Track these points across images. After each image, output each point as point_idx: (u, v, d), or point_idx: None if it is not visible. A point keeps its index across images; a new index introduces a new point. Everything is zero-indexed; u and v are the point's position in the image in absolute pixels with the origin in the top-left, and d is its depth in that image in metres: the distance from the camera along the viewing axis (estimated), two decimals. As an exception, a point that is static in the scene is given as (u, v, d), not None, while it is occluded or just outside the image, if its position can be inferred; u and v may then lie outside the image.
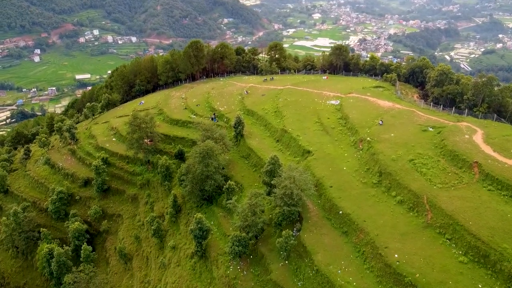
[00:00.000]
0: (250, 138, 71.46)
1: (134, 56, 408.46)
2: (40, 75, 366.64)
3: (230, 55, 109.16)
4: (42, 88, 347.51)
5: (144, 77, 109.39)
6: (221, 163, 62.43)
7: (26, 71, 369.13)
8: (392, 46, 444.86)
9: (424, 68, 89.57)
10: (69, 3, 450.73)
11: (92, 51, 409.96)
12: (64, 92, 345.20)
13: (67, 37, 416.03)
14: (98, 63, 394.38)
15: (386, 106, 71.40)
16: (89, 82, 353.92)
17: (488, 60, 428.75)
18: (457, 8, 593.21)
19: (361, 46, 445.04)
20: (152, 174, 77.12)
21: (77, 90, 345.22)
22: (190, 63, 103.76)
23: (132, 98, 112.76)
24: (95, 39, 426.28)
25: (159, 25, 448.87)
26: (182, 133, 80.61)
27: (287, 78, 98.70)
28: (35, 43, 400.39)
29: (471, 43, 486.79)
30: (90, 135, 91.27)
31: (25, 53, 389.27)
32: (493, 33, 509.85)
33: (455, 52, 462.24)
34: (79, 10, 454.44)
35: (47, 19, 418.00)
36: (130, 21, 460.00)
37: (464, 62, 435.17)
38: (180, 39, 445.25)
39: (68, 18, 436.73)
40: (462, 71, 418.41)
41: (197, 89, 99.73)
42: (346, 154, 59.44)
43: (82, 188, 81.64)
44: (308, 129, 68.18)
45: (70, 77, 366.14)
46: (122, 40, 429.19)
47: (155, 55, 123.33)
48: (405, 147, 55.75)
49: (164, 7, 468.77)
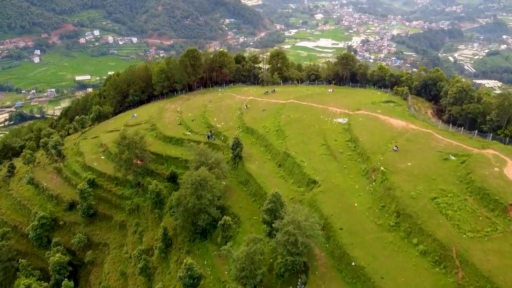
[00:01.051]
0: (250, 161, 64.10)
1: (135, 57, 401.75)
2: (39, 76, 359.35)
3: (229, 64, 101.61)
4: (42, 89, 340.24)
5: (138, 86, 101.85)
6: (216, 194, 55.06)
7: (25, 72, 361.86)
8: (395, 47, 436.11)
9: (438, 80, 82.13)
10: (69, 3, 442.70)
11: (92, 52, 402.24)
12: (63, 93, 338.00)
13: (68, 37, 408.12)
14: (98, 64, 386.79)
15: (399, 127, 63.89)
16: (89, 83, 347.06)
17: (492, 61, 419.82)
18: (460, 8, 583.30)
19: (363, 47, 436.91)
20: (142, 199, 69.88)
21: (77, 92, 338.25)
22: (186, 72, 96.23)
23: (125, 108, 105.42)
24: (95, 39, 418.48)
25: (160, 26, 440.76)
26: (176, 152, 73.27)
27: (290, 90, 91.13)
28: (35, 43, 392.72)
29: (475, 44, 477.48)
30: (78, 152, 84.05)
31: (25, 54, 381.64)
32: (497, 34, 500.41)
33: (459, 53, 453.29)
34: (79, 11, 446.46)
35: (47, 20, 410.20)
36: (131, 22, 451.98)
37: (468, 63, 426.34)
38: (182, 39, 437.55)
39: (69, 19, 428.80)
40: (466, 72, 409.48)
41: (193, 101, 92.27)
42: (357, 186, 52.01)
43: (67, 212, 74.50)
44: (314, 153, 60.77)
45: (70, 78, 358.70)
46: (122, 41, 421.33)
47: (150, 63, 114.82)
48: (425, 180, 48.30)
49: (165, 7, 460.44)
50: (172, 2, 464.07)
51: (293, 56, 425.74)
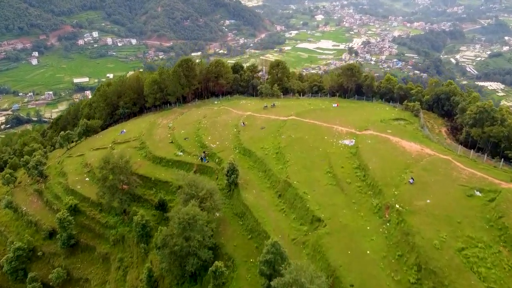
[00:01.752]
0: (246, 190, 56.91)
1: (134, 58, 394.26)
2: (37, 79, 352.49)
3: (226, 74, 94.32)
4: (39, 92, 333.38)
5: (129, 98, 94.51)
6: (208, 234, 47.83)
7: (23, 74, 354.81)
8: (397, 48, 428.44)
9: (452, 95, 74.82)
10: (68, 5, 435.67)
11: (91, 54, 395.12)
12: (61, 96, 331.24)
13: (66, 39, 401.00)
14: (97, 66, 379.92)
15: (413, 151, 56.64)
16: (87, 85, 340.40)
17: (495, 63, 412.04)
18: (461, 9, 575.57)
19: (365, 48, 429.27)
20: (128, 228, 62.68)
21: (75, 94, 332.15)
22: (180, 84, 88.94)
23: (116, 121, 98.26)
24: (94, 41, 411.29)
25: (160, 27, 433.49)
26: (166, 176, 66.03)
27: (291, 104, 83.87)
28: (33, 45, 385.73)
29: (476, 46, 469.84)
30: (61, 172, 76.92)
31: (23, 56, 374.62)
32: (498, 35, 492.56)
33: (461, 55, 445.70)
34: (78, 12, 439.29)
35: (45, 21, 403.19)
36: (130, 23, 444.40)
37: (470, 65, 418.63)
38: (181, 41, 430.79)
39: (67, 20, 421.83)
40: (468, 74, 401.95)
41: (187, 116, 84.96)
42: (369, 226, 44.76)
43: (47, 241, 67.39)
44: (318, 182, 53.55)
45: (68, 80, 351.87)
46: (121, 42, 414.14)
47: (142, 73, 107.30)
48: (449, 223, 41.10)
49: (165, 8, 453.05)
50: (172, 3, 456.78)
51: (294, 58, 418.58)
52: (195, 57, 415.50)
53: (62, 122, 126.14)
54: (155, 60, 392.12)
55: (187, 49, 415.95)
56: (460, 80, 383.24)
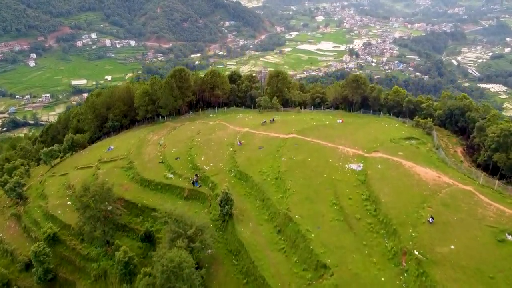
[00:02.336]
0: (242, 222, 50.30)
1: (133, 60, 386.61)
2: (35, 81, 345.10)
3: (223, 84, 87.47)
4: (36, 94, 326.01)
5: (118, 110, 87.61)
6: (196, 284, 41.04)
7: (20, 76, 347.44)
8: (398, 50, 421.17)
9: (466, 110, 68.13)
10: (66, 6, 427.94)
11: (89, 55, 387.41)
12: (58, 99, 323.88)
13: (64, 40, 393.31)
14: (95, 68, 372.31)
15: (430, 180, 49.93)
16: (85, 88, 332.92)
17: (497, 65, 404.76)
18: (462, 10, 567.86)
19: (365, 50, 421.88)
20: (111, 262, 55.69)
21: (72, 97, 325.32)
22: (172, 96, 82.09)
23: (106, 134, 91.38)
24: (92, 42, 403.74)
25: (159, 28, 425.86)
26: (155, 201, 59.43)
27: (292, 119, 77.03)
28: (31, 47, 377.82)
29: (478, 47, 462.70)
30: (42, 194, 70.18)
31: (20, 58, 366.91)
32: (500, 37, 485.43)
33: (462, 57, 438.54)
34: (77, 13, 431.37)
35: (43, 22, 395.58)
36: (129, 24, 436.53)
37: (472, 67, 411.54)
38: (180, 42, 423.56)
39: (66, 21, 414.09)
40: (470, 76, 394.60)
41: (180, 131, 78.13)
42: (383, 277, 38.08)
43: (23, 273, 60.48)
44: (323, 217, 46.91)
45: (66, 82, 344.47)
46: (120, 44, 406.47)
47: (133, 84, 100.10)
48: (480, 280, 34.50)
49: (164, 9, 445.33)
50: (171, 5, 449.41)
51: (294, 60, 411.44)
52: (194, 58, 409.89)
53: (52, 132, 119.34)
54: (154, 62, 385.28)
55: (186, 51, 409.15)
56: (462, 82, 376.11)
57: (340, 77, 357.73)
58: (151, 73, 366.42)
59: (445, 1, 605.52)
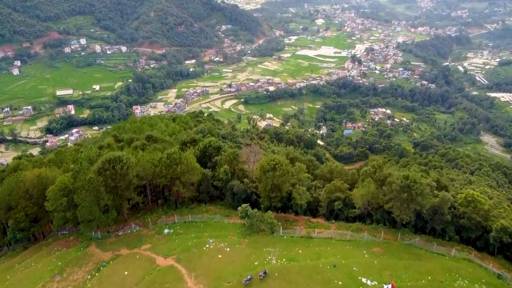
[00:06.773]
0: None
1: (124, 68, 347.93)
2: (17, 91, 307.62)
3: (188, 173, 50.63)
4: (17, 106, 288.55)
5: (23, 213, 50.93)
6: None
7: (2, 86, 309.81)
8: (402, 56, 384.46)
9: None
10: (55, 10, 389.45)
11: (78, 62, 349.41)
12: (41, 111, 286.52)
13: (52, 46, 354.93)
14: (83, 76, 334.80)
15: None
16: (70, 98, 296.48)
17: (505, 72, 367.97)
18: (466, 13, 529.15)
19: (368, 56, 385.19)
20: None
21: (56, 109, 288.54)
22: (97, 205, 45.04)
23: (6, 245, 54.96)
24: (81, 48, 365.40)
25: (152, 33, 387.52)
26: None
27: (298, 260, 40.47)
28: (16, 53, 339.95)
29: (484, 52, 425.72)
30: None
31: (4, 65, 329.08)
32: (506, 41, 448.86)
33: (468, 62, 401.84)
34: (66, 17, 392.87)
35: (30, 27, 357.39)
36: (121, 29, 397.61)
37: (479, 74, 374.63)
38: (175, 48, 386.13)
39: (54, 26, 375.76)
40: (478, 84, 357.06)
41: (106, 278, 41.33)
42: None
43: None
44: None
45: (51, 93, 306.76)
46: (111, 50, 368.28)
47: (51, 171, 59.19)
48: None
49: (158, 13, 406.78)
50: (165, 8, 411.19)
51: (293, 66, 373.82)
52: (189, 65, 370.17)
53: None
54: (146, 70, 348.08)
55: (180, 57, 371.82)
56: (470, 90, 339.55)
57: (343, 86, 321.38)
58: (143, 81, 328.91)
59: (448, 3, 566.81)
